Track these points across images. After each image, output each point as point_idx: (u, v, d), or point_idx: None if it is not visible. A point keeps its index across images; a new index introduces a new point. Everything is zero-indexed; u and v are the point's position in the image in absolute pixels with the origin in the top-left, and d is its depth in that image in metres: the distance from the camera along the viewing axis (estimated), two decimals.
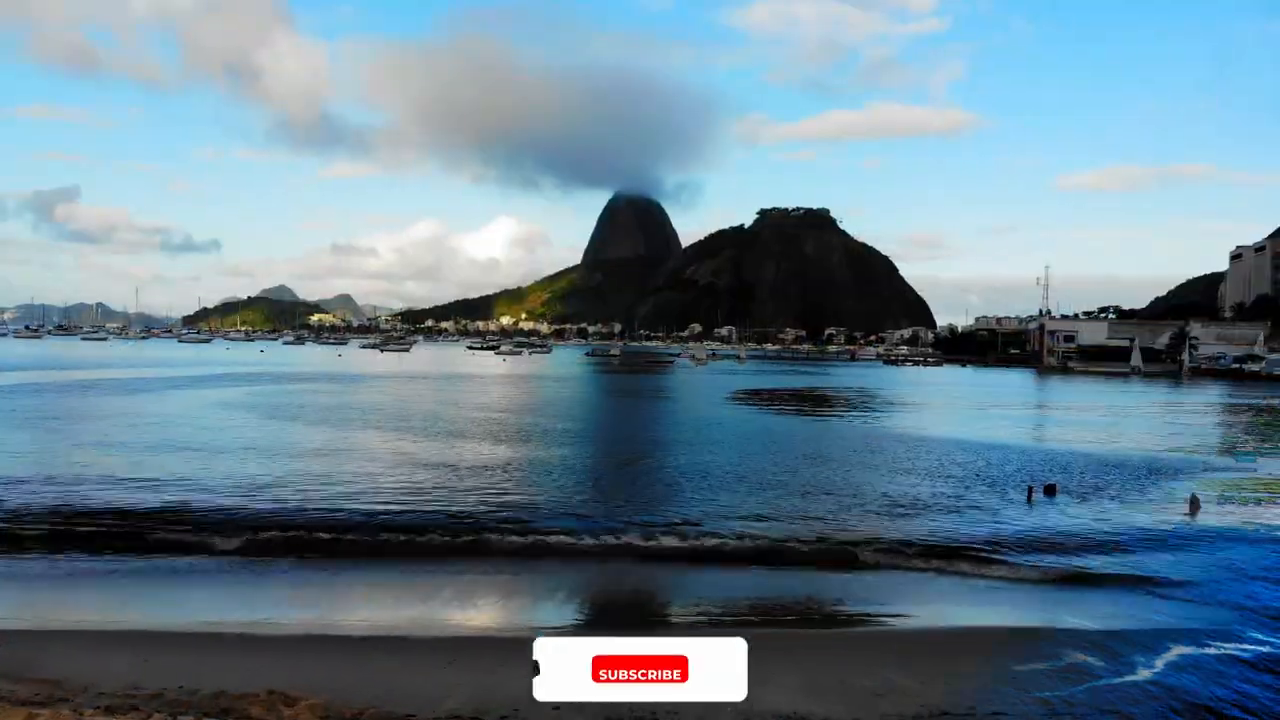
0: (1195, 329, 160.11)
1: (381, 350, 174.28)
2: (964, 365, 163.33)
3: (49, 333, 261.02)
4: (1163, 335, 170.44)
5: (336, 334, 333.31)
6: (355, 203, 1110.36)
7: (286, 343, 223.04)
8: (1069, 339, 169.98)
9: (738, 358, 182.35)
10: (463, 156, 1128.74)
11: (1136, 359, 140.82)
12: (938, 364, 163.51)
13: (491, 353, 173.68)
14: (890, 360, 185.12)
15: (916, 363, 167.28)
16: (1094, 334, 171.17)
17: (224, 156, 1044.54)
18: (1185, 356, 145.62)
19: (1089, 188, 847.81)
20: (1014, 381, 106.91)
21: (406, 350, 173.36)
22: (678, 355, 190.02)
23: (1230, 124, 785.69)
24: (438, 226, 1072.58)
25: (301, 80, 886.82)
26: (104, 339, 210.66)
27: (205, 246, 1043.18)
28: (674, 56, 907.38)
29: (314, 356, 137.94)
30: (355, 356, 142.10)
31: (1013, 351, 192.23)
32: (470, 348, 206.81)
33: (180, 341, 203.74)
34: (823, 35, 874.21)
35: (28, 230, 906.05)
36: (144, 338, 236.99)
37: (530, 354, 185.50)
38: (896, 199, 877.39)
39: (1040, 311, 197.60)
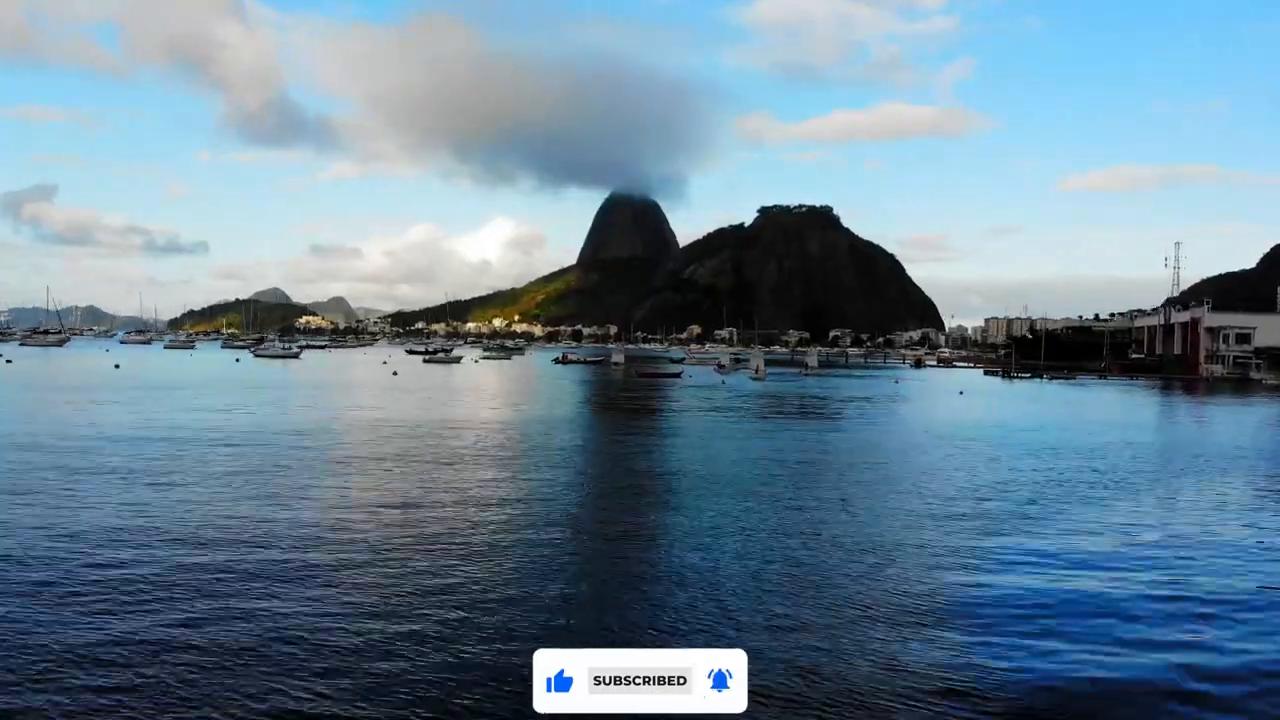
0: None
1: (256, 354, 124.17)
2: (1102, 378, 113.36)
3: None
4: None
5: (313, 337, 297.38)
6: (350, 205, 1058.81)
7: (168, 346, 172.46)
8: (1243, 338, 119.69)
9: (804, 365, 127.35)
10: (455, 155, 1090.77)
11: None
12: (1068, 378, 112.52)
13: (420, 359, 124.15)
14: (995, 369, 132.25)
15: (1025, 378, 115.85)
16: (1273, 332, 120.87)
17: (217, 158, 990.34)
18: None
19: (1092, 189, 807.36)
20: None
21: (295, 357, 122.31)
22: (683, 360, 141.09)
23: (1235, 125, 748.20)
24: (433, 228, 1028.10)
25: (261, 72, 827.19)
26: None
27: (193, 248, 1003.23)
28: (676, 53, 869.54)
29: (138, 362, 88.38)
30: (174, 364, 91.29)
31: (1135, 358, 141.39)
32: (409, 351, 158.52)
33: (21, 345, 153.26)
34: (830, 33, 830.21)
35: (9, 233, 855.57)
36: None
37: (482, 360, 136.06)
38: (898, 200, 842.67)
39: (1166, 301, 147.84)
